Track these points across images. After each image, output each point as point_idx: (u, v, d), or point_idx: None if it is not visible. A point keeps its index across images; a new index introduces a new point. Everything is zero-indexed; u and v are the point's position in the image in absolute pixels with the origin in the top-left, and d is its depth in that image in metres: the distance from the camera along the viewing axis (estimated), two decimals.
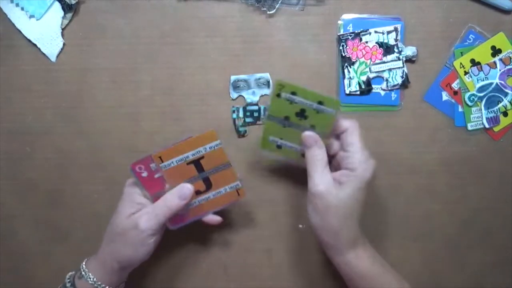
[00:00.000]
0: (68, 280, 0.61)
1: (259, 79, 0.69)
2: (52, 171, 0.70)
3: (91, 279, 0.60)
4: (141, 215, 0.59)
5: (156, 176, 0.61)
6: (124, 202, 0.61)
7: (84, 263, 0.62)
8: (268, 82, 0.69)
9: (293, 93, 0.60)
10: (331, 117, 0.60)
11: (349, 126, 0.60)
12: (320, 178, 0.58)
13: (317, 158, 0.59)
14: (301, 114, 0.60)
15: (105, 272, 0.60)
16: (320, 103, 0.59)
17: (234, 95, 0.69)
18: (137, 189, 0.62)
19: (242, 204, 0.70)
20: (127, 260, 0.60)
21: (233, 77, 0.69)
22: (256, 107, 0.69)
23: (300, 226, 0.70)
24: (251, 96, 0.69)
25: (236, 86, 0.69)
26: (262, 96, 0.69)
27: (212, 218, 0.64)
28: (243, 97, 0.69)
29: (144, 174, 0.60)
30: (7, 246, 0.71)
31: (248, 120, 0.69)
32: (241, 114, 0.69)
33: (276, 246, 0.70)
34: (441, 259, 0.71)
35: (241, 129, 0.69)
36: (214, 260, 0.70)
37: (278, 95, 0.60)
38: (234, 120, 0.69)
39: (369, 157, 0.59)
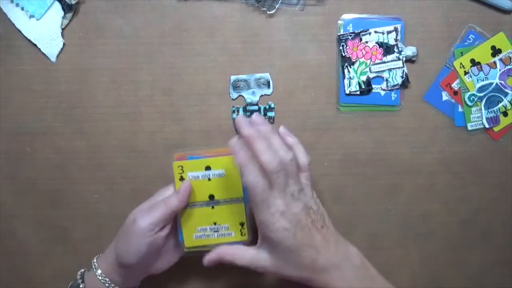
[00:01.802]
0: (79, 276, 0.62)
1: (259, 79, 0.69)
2: (52, 171, 0.70)
3: (98, 273, 0.60)
4: (140, 209, 0.60)
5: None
6: (147, 200, 0.62)
7: (95, 258, 0.63)
8: (268, 82, 0.69)
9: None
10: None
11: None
12: (254, 260, 0.57)
13: (233, 257, 0.58)
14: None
15: (108, 266, 0.61)
16: (208, 168, 0.60)
17: (234, 95, 0.69)
18: (167, 192, 0.61)
19: None
20: (121, 255, 0.59)
21: (233, 77, 0.69)
22: (256, 107, 0.69)
23: None
24: (251, 96, 0.69)
25: (236, 86, 0.69)
26: (262, 96, 0.69)
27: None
28: (243, 97, 0.69)
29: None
30: (7, 246, 0.71)
31: None
32: (241, 114, 0.69)
33: None
34: (441, 259, 0.71)
35: None
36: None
37: (181, 179, 0.60)
38: (234, 120, 0.69)
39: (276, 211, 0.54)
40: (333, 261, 0.56)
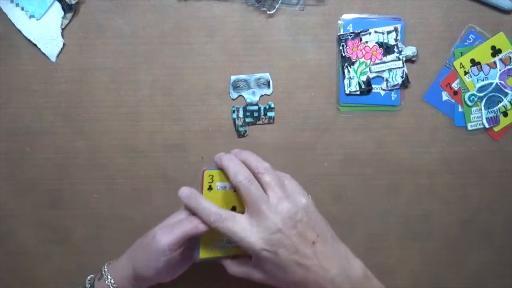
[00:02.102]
0: (88, 282, 0.62)
1: (259, 79, 0.69)
2: (52, 171, 0.70)
3: (109, 281, 0.60)
4: (161, 228, 0.58)
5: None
6: (173, 214, 0.61)
7: (106, 265, 0.62)
8: (268, 82, 0.69)
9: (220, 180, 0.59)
10: None
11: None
12: (248, 272, 0.58)
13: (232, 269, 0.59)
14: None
15: (121, 277, 0.60)
16: None
17: (234, 95, 0.69)
18: (182, 214, 0.60)
19: None
20: (138, 268, 0.59)
21: (233, 77, 0.69)
22: (256, 107, 0.69)
23: None
24: (251, 96, 0.69)
25: (236, 86, 0.69)
26: (262, 96, 0.69)
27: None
28: (243, 97, 0.69)
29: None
30: (7, 246, 0.71)
31: (248, 120, 0.69)
32: (241, 114, 0.69)
33: None
34: (441, 259, 0.71)
35: (241, 129, 0.69)
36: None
37: (210, 188, 0.59)
38: (234, 120, 0.69)
39: (250, 226, 0.54)
40: (327, 277, 0.54)
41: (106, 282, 0.60)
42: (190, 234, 0.57)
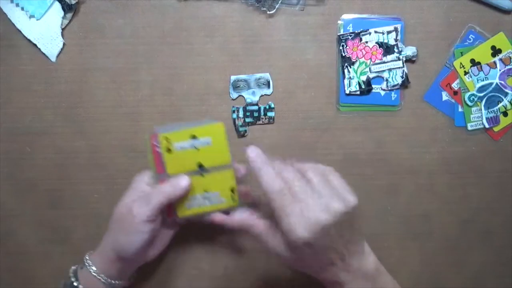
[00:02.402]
0: (72, 273, 0.61)
1: (259, 79, 0.69)
2: (52, 171, 0.70)
3: (92, 270, 0.60)
4: (136, 201, 0.58)
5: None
6: (128, 190, 0.61)
7: (87, 254, 0.62)
8: (268, 82, 0.69)
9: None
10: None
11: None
12: (275, 247, 0.56)
13: (260, 236, 0.57)
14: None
15: (103, 262, 0.60)
16: (194, 137, 0.59)
17: (234, 95, 0.69)
18: (145, 177, 0.61)
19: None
20: (121, 248, 0.59)
21: (233, 77, 0.69)
22: (256, 107, 0.69)
23: None
24: (251, 96, 0.69)
25: (236, 86, 0.69)
26: (262, 96, 0.69)
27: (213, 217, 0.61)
28: (243, 97, 0.69)
29: (158, 150, 0.59)
30: (7, 246, 0.71)
31: (248, 120, 0.69)
32: (241, 114, 0.69)
33: None
34: (441, 259, 0.71)
35: (241, 129, 0.69)
36: (214, 260, 0.70)
37: (168, 150, 0.59)
38: (234, 120, 0.69)
39: (300, 218, 0.52)
40: (348, 269, 0.55)
41: (91, 272, 0.60)
42: (167, 201, 0.58)
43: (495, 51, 0.68)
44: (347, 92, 0.68)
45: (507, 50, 0.68)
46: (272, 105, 0.69)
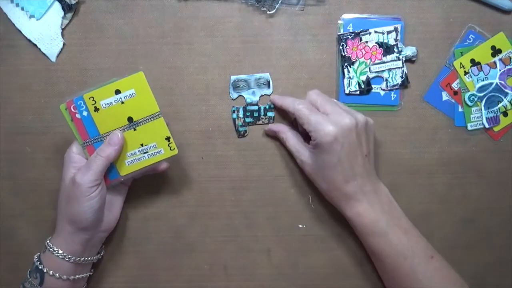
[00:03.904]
0: (36, 259, 0.62)
1: (259, 79, 0.69)
2: (52, 171, 0.70)
3: (56, 252, 0.60)
4: (77, 171, 0.60)
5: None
6: (65, 165, 0.62)
7: (48, 239, 0.63)
8: (268, 82, 0.69)
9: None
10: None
11: (295, 109, 0.64)
12: (299, 149, 0.66)
13: (286, 137, 0.67)
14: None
15: (65, 241, 0.61)
16: (118, 92, 0.60)
17: (234, 95, 0.69)
18: (74, 148, 0.62)
19: (242, 204, 0.70)
20: (77, 218, 0.60)
21: (233, 77, 0.69)
22: (256, 107, 0.69)
23: (300, 226, 0.70)
24: (251, 96, 0.69)
25: (236, 86, 0.69)
26: (262, 96, 0.69)
27: (156, 166, 0.64)
28: (243, 97, 0.69)
29: (78, 116, 0.60)
30: (7, 246, 0.71)
31: (248, 120, 0.69)
32: (241, 114, 0.69)
33: (276, 246, 0.70)
34: None
35: (241, 129, 0.69)
36: (214, 260, 0.70)
37: (96, 109, 0.60)
38: (234, 120, 0.69)
39: (327, 122, 0.61)
40: (363, 190, 0.62)
41: (53, 253, 0.60)
42: (106, 161, 0.60)
43: (495, 51, 0.68)
44: (347, 92, 0.68)
45: (507, 50, 0.68)
46: (272, 105, 0.69)
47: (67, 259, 0.60)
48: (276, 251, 0.70)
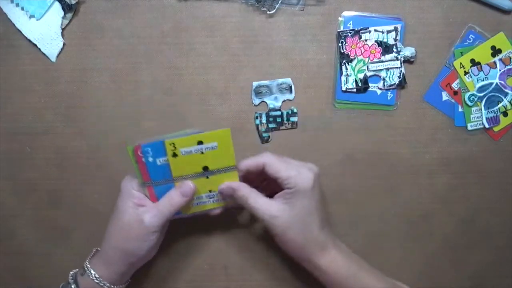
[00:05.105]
0: (71, 278, 0.61)
1: (281, 84, 0.69)
2: (52, 171, 0.70)
3: (93, 275, 0.60)
4: (146, 211, 0.60)
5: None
6: (123, 197, 0.61)
7: (87, 260, 0.62)
8: (290, 87, 0.69)
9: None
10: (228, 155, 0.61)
11: (264, 161, 0.61)
12: (266, 205, 0.60)
13: (248, 195, 0.61)
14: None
15: (107, 268, 0.61)
16: (200, 142, 0.60)
17: (256, 101, 0.69)
18: (134, 184, 0.61)
19: None
20: (131, 255, 0.60)
21: (255, 83, 0.69)
22: (279, 113, 0.69)
23: None
24: (274, 101, 0.69)
25: (258, 92, 0.69)
26: (284, 101, 0.69)
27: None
28: (266, 102, 0.69)
29: (145, 159, 0.60)
30: (7, 246, 0.71)
31: (271, 125, 0.69)
32: (264, 120, 0.69)
33: (276, 246, 0.70)
34: (441, 259, 0.71)
35: (264, 135, 0.69)
36: (214, 260, 0.70)
37: (174, 155, 0.60)
38: (257, 126, 0.69)
39: (302, 167, 0.60)
40: (332, 235, 0.62)
41: (91, 277, 0.60)
42: (176, 210, 0.61)
43: (495, 51, 0.68)
44: (344, 89, 0.68)
45: (507, 50, 0.68)
46: (295, 110, 0.69)
47: (102, 284, 0.60)
48: (276, 251, 0.70)
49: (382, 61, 0.68)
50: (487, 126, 0.69)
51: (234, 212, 0.70)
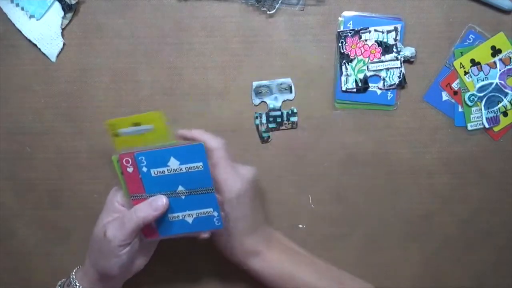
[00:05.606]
0: (59, 286, 0.61)
1: (281, 84, 0.69)
2: (52, 171, 0.70)
3: (77, 285, 0.59)
4: (110, 223, 0.56)
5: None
6: (104, 210, 0.59)
7: (74, 271, 0.62)
8: (290, 87, 0.69)
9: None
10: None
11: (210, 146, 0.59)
12: None
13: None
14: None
15: (88, 281, 0.60)
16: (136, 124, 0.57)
17: (256, 101, 0.69)
18: (118, 197, 0.59)
19: None
20: (103, 271, 0.58)
21: (255, 83, 0.69)
22: (279, 113, 0.69)
23: (300, 226, 0.70)
24: (274, 101, 0.69)
25: (258, 92, 0.69)
26: (284, 101, 0.69)
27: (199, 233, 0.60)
28: (266, 102, 0.69)
29: (130, 170, 0.57)
30: (7, 246, 0.71)
31: (271, 125, 0.69)
32: (264, 120, 0.69)
33: None
34: (441, 259, 0.71)
35: (264, 135, 0.69)
36: (214, 260, 0.70)
37: (116, 134, 0.58)
38: (257, 126, 0.69)
39: (233, 173, 0.59)
40: (259, 245, 0.61)
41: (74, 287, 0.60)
42: (143, 223, 0.55)
43: (495, 51, 0.68)
44: (343, 89, 0.68)
45: (507, 50, 0.68)
46: (295, 110, 0.69)
47: None
48: None
49: (382, 61, 0.68)
50: (487, 126, 0.69)
51: None
